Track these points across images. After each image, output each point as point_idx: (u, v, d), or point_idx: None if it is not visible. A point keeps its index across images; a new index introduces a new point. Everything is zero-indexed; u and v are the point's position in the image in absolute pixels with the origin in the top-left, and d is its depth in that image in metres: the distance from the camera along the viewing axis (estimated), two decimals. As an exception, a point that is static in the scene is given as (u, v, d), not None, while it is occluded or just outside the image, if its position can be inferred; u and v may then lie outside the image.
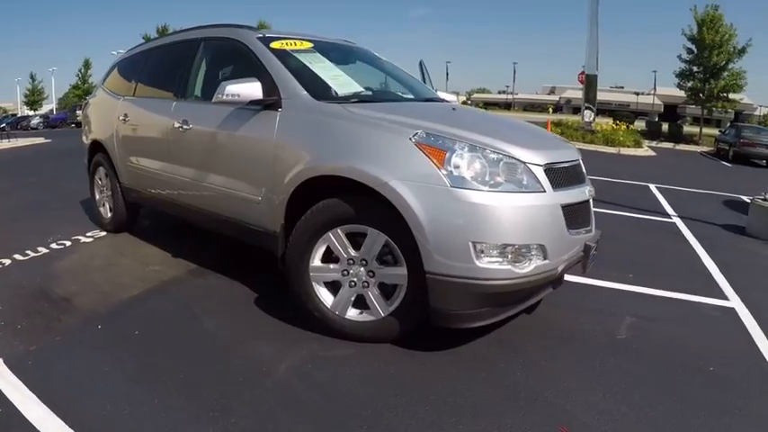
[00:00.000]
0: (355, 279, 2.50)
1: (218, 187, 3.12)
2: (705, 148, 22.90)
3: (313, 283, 2.56)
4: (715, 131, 29.54)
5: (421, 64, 4.73)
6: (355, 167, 2.36)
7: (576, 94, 44.70)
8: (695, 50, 24.48)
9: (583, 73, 20.56)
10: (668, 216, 6.78)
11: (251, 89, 2.76)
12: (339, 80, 3.02)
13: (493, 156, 2.30)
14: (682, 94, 27.65)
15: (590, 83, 20.14)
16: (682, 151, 21.19)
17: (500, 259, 2.25)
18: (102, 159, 4.46)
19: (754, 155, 16.63)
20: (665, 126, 28.86)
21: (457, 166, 2.25)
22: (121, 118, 4.10)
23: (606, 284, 3.76)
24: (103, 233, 4.50)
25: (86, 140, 4.79)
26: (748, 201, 8.70)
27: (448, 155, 2.26)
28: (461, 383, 2.31)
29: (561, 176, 2.48)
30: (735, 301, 3.59)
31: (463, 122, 2.60)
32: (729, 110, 28.04)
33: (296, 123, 2.69)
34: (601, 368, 2.55)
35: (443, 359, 2.50)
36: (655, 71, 61.51)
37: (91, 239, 4.34)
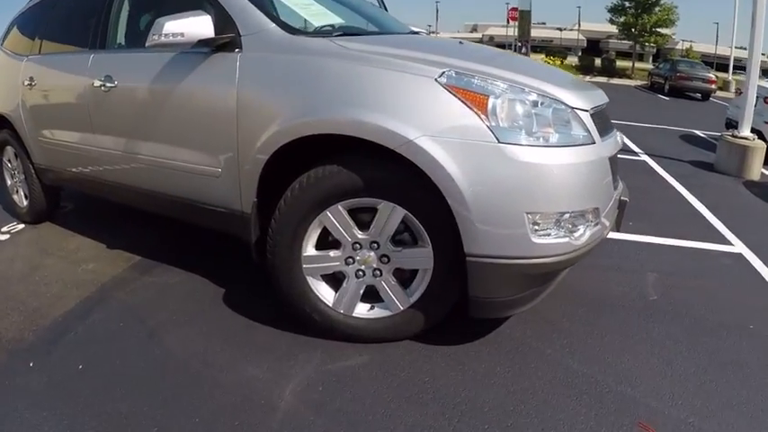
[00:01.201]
0: (363, 267, 1.90)
1: (158, 159, 2.34)
2: (639, 82, 23.42)
3: (308, 278, 1.92)
4: (645, 66, 30.41)
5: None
6: (365, 122, 1.69)
7: (499, 31, 43.93)
8: (627, -15, 24.63)
9: (515, 9, 20.15)
10: (635, 153, 6.60)
11: (199, 25, 1.97)
12: (311, 10, 2.28)
13: (541, 101, 1.72)
14: (604, 29, 28.11)
15: (523, 18, 19.80)
16: (616, 85, 21.45)
17: (557, 231, 1.72)
18: (9, 137, 3.44)
19: (690, 88, 17.08)
20: (597, 61, 29.21)
21: (503, 116, 1.65)
22: (27, 83, 3.10)
23: (610, 234, 3.45)
24: (21, 226, 3.54)
25: None
26: (703, 135, 8.83)
27: (491, 101, 1.65)
28: (512, 384, 1.83)
29: (601, 123, 1.96)
30: (739, 246, 3.51)
31: (488, 59, 1.97)
32: (660, 44, 28.84)
33: (266, 67, 1.95)
34: (650, 340, 2.20)
35: (480, 353, 1.99)
36: (579, 6, 61.51)
37: (7, 236, 3.39)
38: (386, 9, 3.74)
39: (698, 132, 9.11)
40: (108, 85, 2.50)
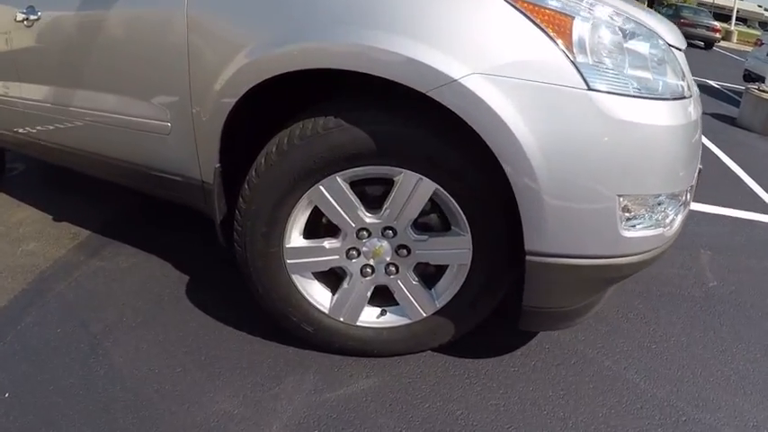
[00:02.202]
0: (373, 262, 1.34)
1: (94, 113, 1.71)
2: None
3: (293, 277, 1.36)
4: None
5: None
6: (380, 51, 1.07)
7: None
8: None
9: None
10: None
11: None
12: None
13: (639, 32, 1.12)
14: None
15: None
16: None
17: (648, 220, 1.16)
18: None
19: (694, 35, 16.06)
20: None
21: (594, 49, 1.05)
22: None
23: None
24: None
25: None
26: (718, 86, 8.19)
27: (578, 25, 1.05)
28: (572, 415, 1.33)
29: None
30: None
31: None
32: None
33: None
34: (719, 344, 1.74)
35: (525, 370, 1.48)
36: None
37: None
38: None
39: (711, 83, 8.43)
40: (31, 18, 1.82)
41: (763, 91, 5.45)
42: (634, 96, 1.08)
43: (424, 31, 1.07)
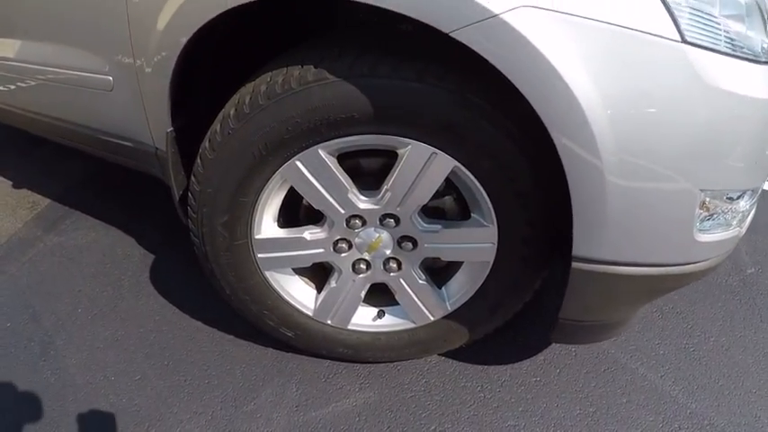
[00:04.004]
0: (367, 256, 1.03)
1: (33, 67, 1.35)
2: None
3: (267, 274, 1.05)
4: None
5: None
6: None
7: None
8: None
9: None
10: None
11: None
12: None
13: None
14: None
15: None
16: None
17: (722, 219, 0.85)
18: None
19: None
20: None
21: None
22: None
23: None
24: None
25: None
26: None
27: None
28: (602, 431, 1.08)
29: None
30: None
31: None
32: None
33: None
34: (763, 344, 1.45)
35: (548, 380, 1.21)
36: None
37: None
38: None
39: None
40: None
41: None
42: (730, 55, 0.73)
43: None
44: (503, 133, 0.80)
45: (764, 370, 1.37)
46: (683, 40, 0.69)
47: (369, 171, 0.96)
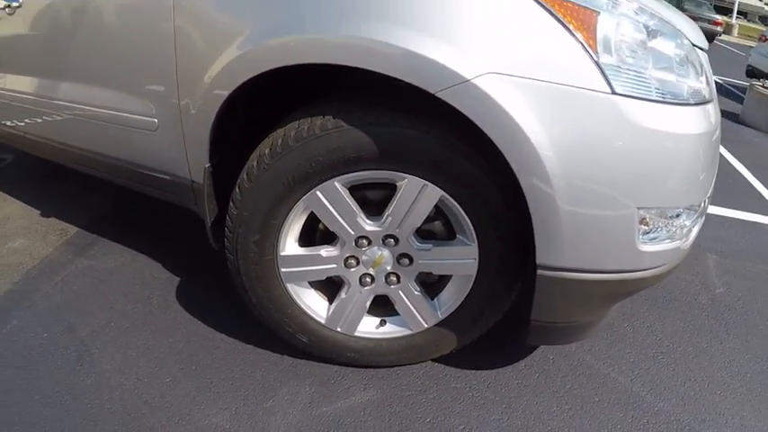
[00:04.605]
0: (372, 271, 1.26)
1: (78, 106, 1.61)
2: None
3: (288, 286, 1.28)
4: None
5: None
6: (391, 46, 0.98)
7: None
8: None
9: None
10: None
11: None
12: None
13: (660, 29, 1.03)
14: None
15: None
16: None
17: (665, 233, 1.09)
18: None
19: None
20: None
21: (619, 48, 0.97)
22: None
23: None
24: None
25: None
26: (720, 81, 8.09)
27: (603, 20, 0.96)
28: (579, 430, 1.28)
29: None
30: None
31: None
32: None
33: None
34: (728, 356, 1.69)
35: (529, 382, 1.42)
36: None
37: None
38: None
39: (715, 78, 8.36)
40: (13, 4, 1.71)
41: (767, 88, 5.38)
42: (657, 101, 1.00)
43: (434, 25, 0.98)
44: (477, 168, 1.06)
45: (729, 375, 1.58)
46: (613, 92, 0.95)
47: (373, 200, 1.21)
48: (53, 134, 1.88)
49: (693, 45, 1.13)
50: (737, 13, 27.49)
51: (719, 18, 16.35)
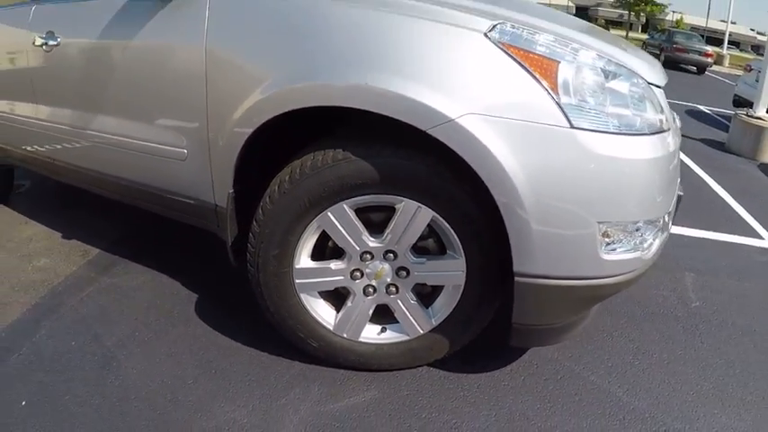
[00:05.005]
0: (375, 282, 1.47)
1: (111, 137, 1.85)
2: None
3: (301, 296, 1.49)
4: (635, 35, 29.97)
5: None
6: (386, 92, 1.22)
7: None
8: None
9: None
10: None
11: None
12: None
13: (619, 72, 1.27)
14: None
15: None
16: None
17: (627, 244, 1.31)
18: None
19: (686, 60, 16.55)
20: (590, 30, 28.64)
21: (577, 91, 1.21)
22: None
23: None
24: (-31, 208, 3.04)
25: None
26: (708, 111, 8.47)
27: (563, 68, 1.20)
28: (559, 425, 1.46)
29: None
30: None
31: (541, 14, 1.50)
32: (655, 14, 28.46)
33: (246, 13, 1.45)
34: (700, 361, 1.87)
35: (515, 383, 1.61)
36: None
37: (-50, 220, 2.88)
38: None
39: (702, 108, 8.74)
40: (50, 43, 1.97)
41: (752, 116, 5.68)
42: (614, 133, 1.23)
43: (425, 74, 1.23)
44: (462, 192, 1.28)
45: (702, 378, 1.76)
46: (572, 127, 1.19)
47: (376, 221, 1.43)
48: (83, 161, 2.11)
49: (649, 83, 1.36)
50: (731, 43, 28.52)
51: (710, 50, 17.01)
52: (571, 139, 1.18)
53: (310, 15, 1.36)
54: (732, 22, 33.01)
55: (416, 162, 1.29)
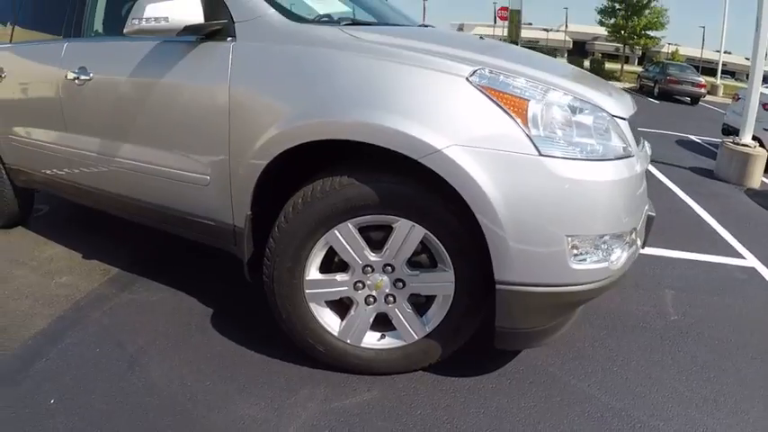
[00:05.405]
0: (375, 293, 1.69)
1: (138, 164, 2.10)
2: (627, 85, 23.55)
3: (311, 305, 1.71)
4: (632, 68, 30.80)
5: None
6: (384, 127, 1.49)
7: (486, 30, 44.72)
8: (617, -13, 24.94)
9: (505, 8, 20.09)
10: (635, 160, 6.51)
11: (185, 9, 1.74)
12: (314, -5, 2.06)
13: (583, 107, 1.54)
14: (591, 30, 28.64)
15: (513, 18, 19.77)
16: (606, 90, 21.58)
17: (595, 255, 1.54)
18: None
19: (680, 92, 17.16)
20: (585, 62, 29.47)
21: (544, 124, 1.47)
22: None
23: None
24: (-10, 229, 3.27)
25: None
26: (698, 140, 8.81)
27: (532, 106, 1.46)
28: (540, 421, 1.65)
29: (635, 133, 1.79)
30: (751, 260, 3.44)
31: (517, 57, 1.79)
32: (648, 47, 29.37)
33: (265, 59, 1.73)
34: (676, 366, 2.08)
35: (501, 385, 1.81)
36: (566, 8, 62.00)
37: (-27, 242, 3.11)
38: None
39: (693, 137, 9.10)
40: (82, 77, 2.24)
41: (737, 143, 5.99)
42: (579, 159, 1.48)
43: (417, 112, 1.49)
44: (450, 213, 1.53)
45: (677, 382, 1.96)
46: (540, 154, 1.43)
47: (375, 239, 1.66)
48: (109, 185, 2.35)
49: (613, 116, 1.61)
50: (726, 73, 29.40)
51: (703, 80, 17.66)
52: (540, 165, 1.43)
53: (321, 62, 1.63)
54: (727, 52, 34.09)
55: (410, 186, 1.54)
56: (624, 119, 1.69)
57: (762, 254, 3.48)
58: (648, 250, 3.25)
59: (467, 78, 1.48)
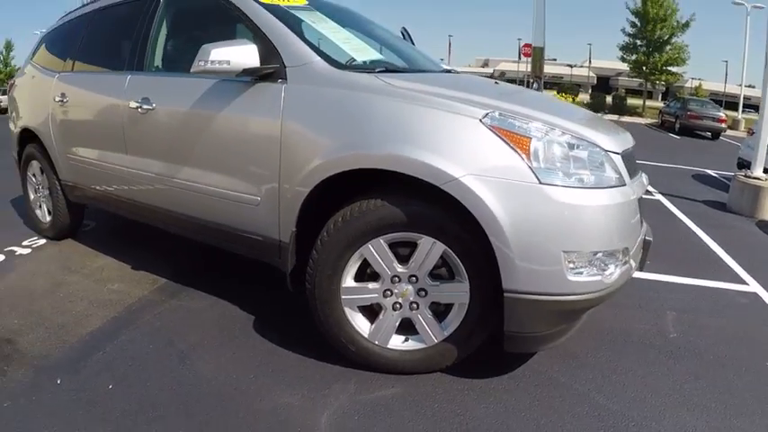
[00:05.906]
0: (401, 300, 2.01)
1: (194, 184, 2.47)
2: (649, 120, 23.93)
3: (345, 309, 2.04)
4: (655, 104, 31.09)
5: (404, 32, 4.17)
6: (412, 159, 1.84)
7: (511, 66, 45.61)
8: (639, 24, 25.41)
9: (528, 45, 20.64)
10: (650, 193, 6.75)
11: (245, 54, 2.13)
12: (352, 44, 2.44)
13: (579, 144, 1.87)
14: (614, 66, 28.94)
15: (537, 54, 20.32)
16: (627, 123, 21.97)
17: (590, 270, 1.85)
18: (36, 151, 3.61)
19: (700, 127, 17.46)
20: (608, 98, 29.96)
21: (544, 158, 1.81)
22: (58, 99, 3.27)
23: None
24: (43, 241, 3.66)
25: (15, 128, 3.92)
26: (715, 174, 9.03)
27: (533, 143, 1.81)
28: (542, 417, 1.92)
29: (630, 164, 2.10)
30: (754, 286, 3.63)
31: (526, 101, 2.14)
32: (671, 83, 29.68)
33: (312, 99, 2.10)
34: (671, 377, 2.30)
35: (510, 387, 2.08)
36: (590, 44, 63.27)
37: (28, 250, 3.50)
38: (413, 42, 3.94)
39: (710, 171, 9.33)
40: (145, 107, 2.64)
41: (749, 176, 6.21)
42: (574, 187, 1.81)
43: (438, 148, 1.85)
44: (465, 232, 1.86)
45: (672, 390, 2.20)
46: (540, 183, 1.76)
47: (402, 254, 1.99)
48: (164, 203, 2.72)
49: (607, 151, 1.93)
50: (749, 107, 29.51)
51: (723, 115, 17.91)
52: (540, 192, 1.76)
53: (360, 104, 2.01)
54: (750, 86, 34.31)
55: (432, 209, 1.87)
56: (618, 153, 2.00)
57: (765, 280, 3.68)
58: (653, 276, 3.53)
59: (480, 120, 1.84)
